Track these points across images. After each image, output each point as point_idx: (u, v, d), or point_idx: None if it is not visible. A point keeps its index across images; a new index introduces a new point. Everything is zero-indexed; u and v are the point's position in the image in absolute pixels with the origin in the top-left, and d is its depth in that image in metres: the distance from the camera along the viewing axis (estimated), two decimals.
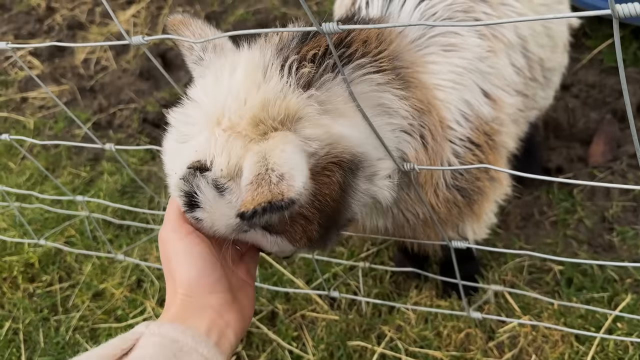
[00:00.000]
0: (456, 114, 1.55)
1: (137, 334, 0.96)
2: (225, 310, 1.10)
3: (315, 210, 1.19)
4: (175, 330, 0.97)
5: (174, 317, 1.06)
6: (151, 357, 0.91)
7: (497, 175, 1.72)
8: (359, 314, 2.32)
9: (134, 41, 1.28)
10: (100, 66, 4.14)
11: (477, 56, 1.60)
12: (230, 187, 1.11)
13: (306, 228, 1.21)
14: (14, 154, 3.63)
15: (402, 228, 1.71)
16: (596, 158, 2.79)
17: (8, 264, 2.80)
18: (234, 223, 1.13)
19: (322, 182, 1.17)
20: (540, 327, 2.10)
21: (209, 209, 1.12)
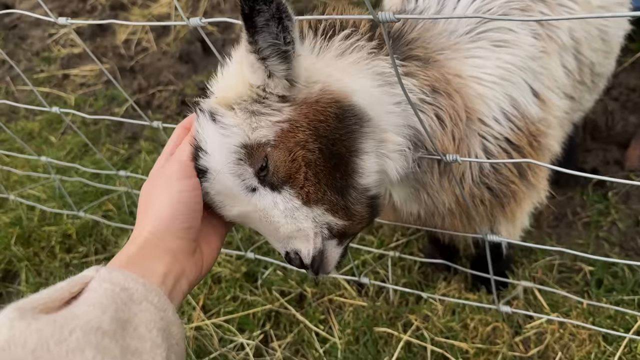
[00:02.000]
0: (495, 110, 1.55)
1: (86, 278, 0.93)
2: (184, 258, 1.10)
3: (317, 145, 1.22)
4: (127, 277, 0.94)
5: (134, 255, 1.05)
6: (101, 304, 0.86)
7: (535, 181, 1.69)
8: (387, 302, 2.35)
9: (192, 22, 1.32)
10: (141, 47, 4.22)
11: (529, 55, 1.59)
12: (224, 114, 1.20)
13: (309, 174, 1.23)
14: (54, 129, 3.74)
15: (433, 216, 1.72)
16: (632, 162, 2.76)
17: (47, 233, 2.89)
18: (235, 163, 1.19)
19: (318, 116, 1.23)
20: (567, 326, 2.11)
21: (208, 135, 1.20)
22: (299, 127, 1.22)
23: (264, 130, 1.20)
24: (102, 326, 0.82)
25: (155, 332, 0.90)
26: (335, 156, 1.24)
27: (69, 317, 0.81)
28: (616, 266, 2.34)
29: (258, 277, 2.52)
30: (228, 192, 1.22)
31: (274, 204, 1.23)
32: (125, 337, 0.84)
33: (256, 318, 2.37)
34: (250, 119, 1.20)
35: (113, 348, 0.81)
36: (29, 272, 2.77)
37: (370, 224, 1.47)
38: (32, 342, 0.75)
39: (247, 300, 2.43)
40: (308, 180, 1.23)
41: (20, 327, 0.76)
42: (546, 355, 2.10)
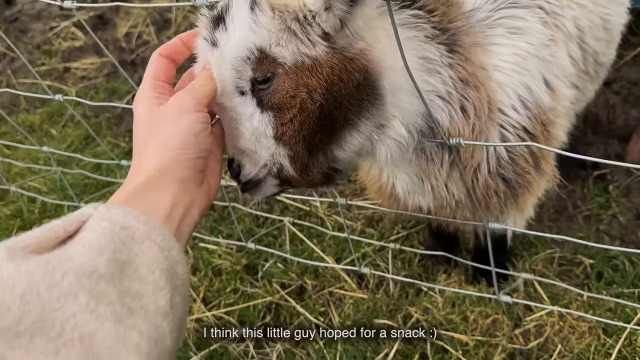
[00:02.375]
0: (514, 98, 1.53)
1: (83, 216, 0.86)
2: (194, 188, 1.07)
3: (324, 87, 1.19)
4: (127, 215, 0.87)
5: (139, 187, 0.99)
6: (98, 245, 0.80)
7: (546, 169, 1.68)
8: (387, 294, 2.36)
9: (198, 2, 1.32)
10: (142, 40, 4.22)
11: (541, 43, 1.57)
12: (264, 10, 1.15)
13: (303, 108, 1.21)
14: (55, 122, 3.74)
15: (442, 208, 1.71)
16: (633, 155, 2.76)
17: None
18: (243, 57, 1.17)
19: (344, 67, 1.20)
20: (567, 318, 2.11)
21: (230, 30, 1.17)
22: (319, 72, 1.19)
23: (287, 52, 1.17)
24: (98, 269, 0.76)
25: (158, 273, 0.84)
26: (329, 118, 1.23)
27: (62, 259, 0.75)
28: (616, 259, 2.34)
29: (258, 270, 2.53)
30: (219, 79, 1.20)
31: (250, 116, 1.24)
32: (123, 280, 0.79)
33: (256, 310, 2.37)
34: (282, 33, 1.16)
35: (110, 292, 0.75)
36: None
37: (316, 188, 1.46)
38: (20, 286, 0.69)
39: (248, 293, 2.44)
40: (292, 123, 1.22)
41: (9, 268, 0.71)
42: (546, 348, 2.11)
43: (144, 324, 0.77)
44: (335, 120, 1.24)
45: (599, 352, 2.03)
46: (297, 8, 1.15)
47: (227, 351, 2.24)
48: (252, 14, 1.15)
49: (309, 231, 2.62)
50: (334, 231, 2.56)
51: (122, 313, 0.75)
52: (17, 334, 0.66)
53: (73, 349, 0.68)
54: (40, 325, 0.68)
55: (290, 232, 2.63)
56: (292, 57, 1.17)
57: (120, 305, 0.75)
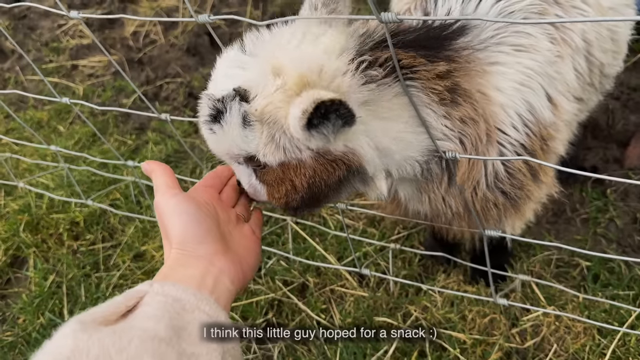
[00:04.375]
0: (514, 117, 1.55)
1: (141, 292, 0.98)
2: (217, 258, 1.15)
3: (306, 186, 1.33)
4: (178, 289, 1.00)
5: (169, 270, 1.11)
6: (156, 316, 0.92)
7: (545, 179, 1.71)
8: (387, 293, 2.41)
9: (200, 19, 1.35)
10: (149, 39, 4.27)
11: (547, 60, 1.59)
12: (254, 126, 1.25)
13: (289, 194, 1.36)
14: (62, 119, 3.79)
15: (438, 217, 1.77)
16: (632, 160, 2.80)
17: (55, 221, 2.95)
18: (235, 152, 1.32)
19: (326, 169, 1.31)
20: (563, 319, 2.16)
21: (226, 130, 1.28)
22: (303, 173, 1.31)
23: (273, 159, 1.29)
24: (158, 334, 0.88)
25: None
26: (315, 197, 1.38)
27: (127, 328, 0.88)
28: (612, 262, 2.38)
29: (261, 267, 2.58)
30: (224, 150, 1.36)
31: (247, 175, 1.42)
32: (180, 343, 0.90)
33: (259, 306, 2.42)
34: (270, 144, 1.27)
35: (170, 353, 0.87)
36: (37, 259, 2.83)
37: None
38: (94, 351, 0.81)
39: (251, 289, 2.49)
40: (281, 198, 1.38)
41: (83, 337, 0.82)
42: (542, 347, 2.15)
43: None
44: (321, 196, 1.39)
45: (593, 352, 2.08)
46: (284, 124, 1.24)
47: None
48: (243, 129, 1.26)
49: (311, 230, 2.68)
50: (336, 230, 2.61)
51: None
52: None
53: None
54: None
55: (293, 230, 2.68)
56: (278, 161, 1.29)
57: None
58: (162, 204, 1.21)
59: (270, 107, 1.23)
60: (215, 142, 1.34)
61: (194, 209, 1.19)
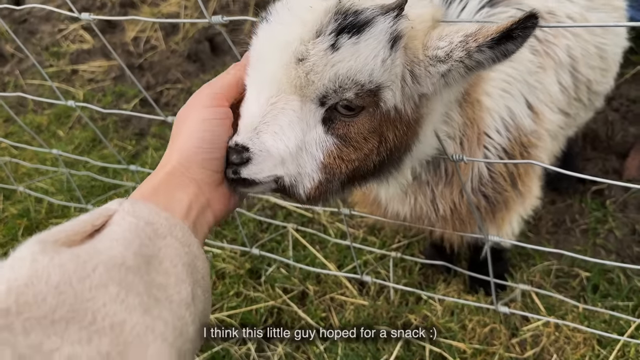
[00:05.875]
0: (498, 122, 1.61)
1: (110, 211, 0.89)
2: (209, 189, 1.07)
3: (396, 144, 1.17)
4: (150, 211, 0.91)
5: (161, 182, 1.02)
6: (124, 239, 0.83)
7: (524, 190, 1.76)
8: (387, 301, 2.41)
9: (214, 20, 1.37)
10: (150, 45, 4.28)
11: (527, 70, 1.65)
12: (398, 52, 1.07)
13: (370, 155, 1.16)
14: (62, 123, 3.79)
15: (419, 220, 1.78)
16: (631, 171, 2.82)
17: (54, 225, 2.93)
18: (355, 80, 1.06)
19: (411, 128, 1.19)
20: (563, 329, 2.16)
21: (361, 48, 1.04)
22: (397, 127, 1.16)
23: (391, 98, 1.10)
24: (126, 262, 0.80)
25: (180, 266, 0.88)
26: (376, 167, 1.21)
27: (92, 252, 0.79)
28: (612, 272, 2.39)
29: (262, 274, 2.57)
30: (299, 73, 1.06)
31: (309, 129, 1.11)
32: (149, 272, 0.83)
33: (259, 314, 2.42)
34: (398, 80, 1.11)
35: (137, 283, 0.80)
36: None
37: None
38: (55, 278, 0.74)
39: (250, 296, 2.48)
40: (348, 160, 1.14)
41: (43, 261, 0.75)
42: (542, 357, 2.15)
43: (169, 314, 0.81)
44: (377, 172, 1.24)
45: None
46: (421, 59, 1.11)
47: (229, 353, 2.29)
48: (391, 50, 1.05)
49: (311, 238, 2.68)
50: (336, 238, 2.61)
51: (149, 303, 0.79)
52: (53, 322, 0.71)
53: (105, 336, 0.72)
54: (74, 314, 0.72)
55: (293, 238, 2.68)
56: (390, 104, 1.11)
57: (147, 296, 0.80)
58: (198, 107, 1.09)
59: (414, 34, 1.09)
60: (326, 62, 1.04)
61: (221, 131, 1.08)
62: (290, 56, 1.05)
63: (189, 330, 0.85)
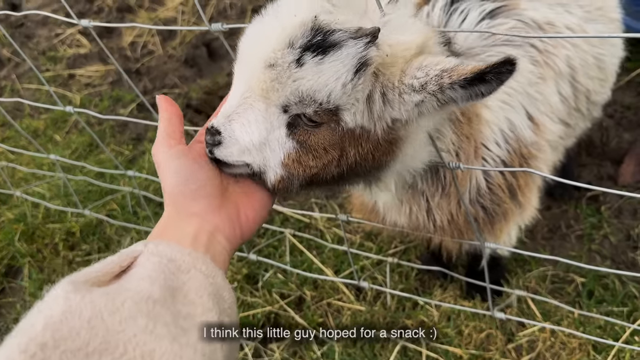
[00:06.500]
0: (497, 134, 1.62)
1: (135, 252, 0.95)
2: (210, 216, 1.09)
3: (356, 160, 1.18)
4: (173, 249, 0.96)
5: (163, 228, 1.06)
6: (150, 277, 0.89)
7: (523, 201, 1.77)
8: (384, 307, 2.42)
9: (213, 28, 1.38)
10: (147, 50, 4.28)
11: (527, 81, 1.66)
12: (365, 77, 1.08)
13: (329, 165, 1.18)
14: (59, 128, 3.79)
15: (417, 230, 1.78)
16: (626, 178, 2.84)
17: (51, 230, 2.94)
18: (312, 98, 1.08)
19: (383, 148, 1.20)
20: (558, 334, 2.18)
21: (325, 69, 1.05)
22: (362, 145, 1.17)
23: (352, 120, 1.12)
24: (152, 295, 0.86)
25: (206, 297, 0.92)
26: (338, 178, 1.23)
27: (120, 290, 0.85)
28: (607, 278, 2.41)
29: (259, 279, 2.58)
30: (266, 77, 1.09)
31: (273, 129, 1.15)
32: (176, 304, 0.88)
33: (256, 319, 2.43)
34: (363, 103, 1.12)
35: (164, 314, 0.84)
36: (32, 268, 2.82)
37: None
38: (87, 313, 0.79)
39: (248, 302, 2.49)
40: (307, 167, 1.18)
41: (76, 299, 0.80)
42: None
43: (197, 342, 0.86)
44: (342, 180, 1.26)
45: None
46: (395, 85, 1.12)
47: None
48: (354, 75, 1.06)
49: (308, 243, 2.69)
50: (333, 244, 2.62)
51: (177, 333, 0.84)
52: (87, 354, 0.76)
53: None
54: (106, 345, 0.78)
55: (290, 243, 2.69)
56: (351, 124, 1.13)
57: (174, 326, 0.84)
58: (157, 155, 1.14)
59: (391, 61, 1.09)
60: (289, 75, 1.06)
61: (186, 165, 1.12)
62: (263, 60, 1.08)
63: (217, 356, 0.89)
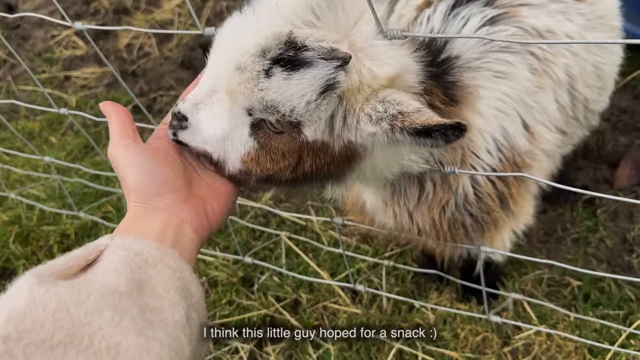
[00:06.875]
0: (490, 142, 1.60)
1: (101, 246, 0.94)
2: (178, 209, 1.09)
3: (312, 169, 1.20)
4: (140, 243, 0.95)
5: (129, 222, 1.05)
6: (116, 270, 0.88)
7: (516, 209, 1.76)
8: (380, 310, 2.41)
9: (207, 32, 1.37)
10: (143, 52, 4.28)
11: (524, 89, 1.65)
12: (330, 99, 1.09)
13: (285, 170, 1.20)
14: (54, 129, 3.78)
15: (403, 232, 1.78)
16: (622, 181, 2.84)
17: (45, 233, 2.93)
18: (276, 108, 1.09)
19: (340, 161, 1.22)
20: (554, 338, 2.17)
21: (292, 85, 1.06)
22: (319, 156, 1.18)
23: (312, 135, 1.14)
24: (119, 288, 0.85)
25: (173, 291, 0.92)
26: (295, 182, 1.25)
27: (85, 282, 0.84)
28: (603, 281, 2.41)
29: (254, 282, 2.57)
30: (235, 82, 1.09)
31: (236, 127, 1.17)
32: (143, 297, 0.87)
33: (251, 322, 2.42)
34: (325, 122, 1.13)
35: (131, 307, 0.83)
36: (26, 271, 2.80)
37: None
38: (51, 305, 0.78)
39: (243, 305, 2.48)
40: (264, 167, 1.20)
41: (40, 291, 0.79)
42: None
43: (164, 335, 0.84)
44: (295, 183, 1.27)
45: None
46: (356, 111, 1.13)
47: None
48: (319, 96, 1.07)
49: (304, 246, 2.68)
50: (329, 246, 2.61)
51: (144, 326, 0.83)
52: (51, 346, 0.75)
53: (101, 358, 0.76)
54: (71, 338, 0.76)
55: (286, 246, 2.68)
56: (311, 138, 1.15)
57: (141, 319, 0.83)
58: (114, 155, 1.13)
59: (358, 87, 1.10)
60: (257, 83, 1.07)
61: (147, 160, 1.11)
62: (234, 61, 1.09)
63: (185, 351, 0.88)
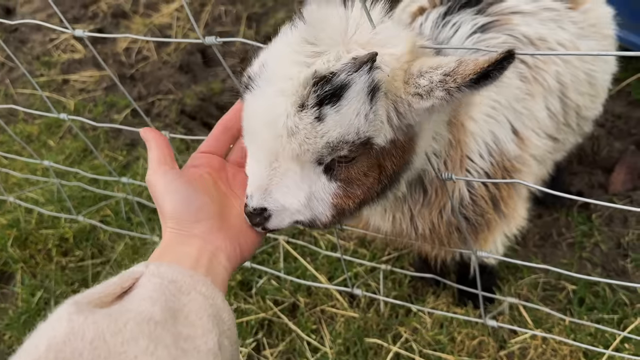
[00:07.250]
0: (482, 146, 1.64)
1: (136, 274, 0.97)
2: (212, 237, 1.12)
3: (395, 169, 1.22)
4: (174, 270, 0.98)
5: (164, 249, 1.08)
6: (151, 298, 0.91)
7: (507, 211, 1.79)
8: (377, 314, 2.43)
9: (207, 41, 1.38)
10: (142, 56, 4.29)
11: (514, 96, 1.69)
12: (380, 101, 1.09)
13: (373, 185, 1.21)
14: (53, 133, 3.78)
15: (400, 236, 1.80)
16: (616, 186, 2.87)
17: (44, 236, 2.93)
18: (345, 140, 1.09)
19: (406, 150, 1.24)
20: (550, 341, 2.20)
21: (345, 111, 1.07)
22: (394, 155, 1.21)
23: (383, 141, 1.15)
24: (154, 317, 0.87)
25: (206, 318, 0.94)
26: (395, 172, 1.26)
27: (122, 311, 0.87)
28: (597, 286, 2.43)
29: (252, 286, 2.59)
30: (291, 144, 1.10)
31: (313, 182, 1.18)
32: (176, 325, 0.90)
33: (249, 326, 2.43)
34: (387, 123, 1.14)
35: (165, 336, 0.86)
36: (24, 274, 2.81)
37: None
38: (89, 334, 0.80)
39: (241, 309, 2.50)
40: (355, 195, 1.21)
41: (79, 320, 0.81)
42: None
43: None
44: (384, 192, 1.30)
45: None
46: (403, 97, 1.13)
47: None
48: (371, 103, 1.09)
49: (302, 250, 2.70)
50: (327, 250, 2.63)
51: (177, 354, 0.86)
52: None
53: None
54: None
55: (284, 250, 2.70)
56: (383, 143, 1.16)
57: (174, 348, 0.86)
58: (152, 182, 1.16)
59: (393, 76, 1.11)
60: (315, 133, 1.08)
61: (184, 187, 1.14)
62: (281, 130, 1.09)
63: None
